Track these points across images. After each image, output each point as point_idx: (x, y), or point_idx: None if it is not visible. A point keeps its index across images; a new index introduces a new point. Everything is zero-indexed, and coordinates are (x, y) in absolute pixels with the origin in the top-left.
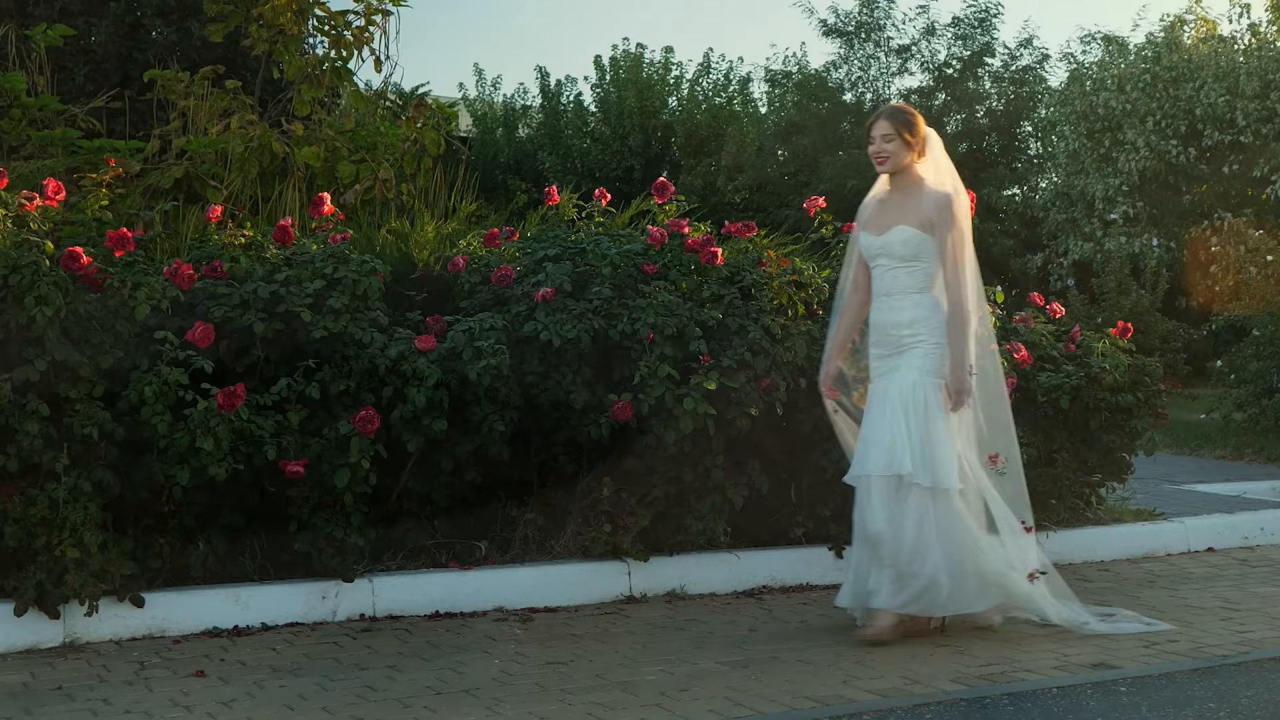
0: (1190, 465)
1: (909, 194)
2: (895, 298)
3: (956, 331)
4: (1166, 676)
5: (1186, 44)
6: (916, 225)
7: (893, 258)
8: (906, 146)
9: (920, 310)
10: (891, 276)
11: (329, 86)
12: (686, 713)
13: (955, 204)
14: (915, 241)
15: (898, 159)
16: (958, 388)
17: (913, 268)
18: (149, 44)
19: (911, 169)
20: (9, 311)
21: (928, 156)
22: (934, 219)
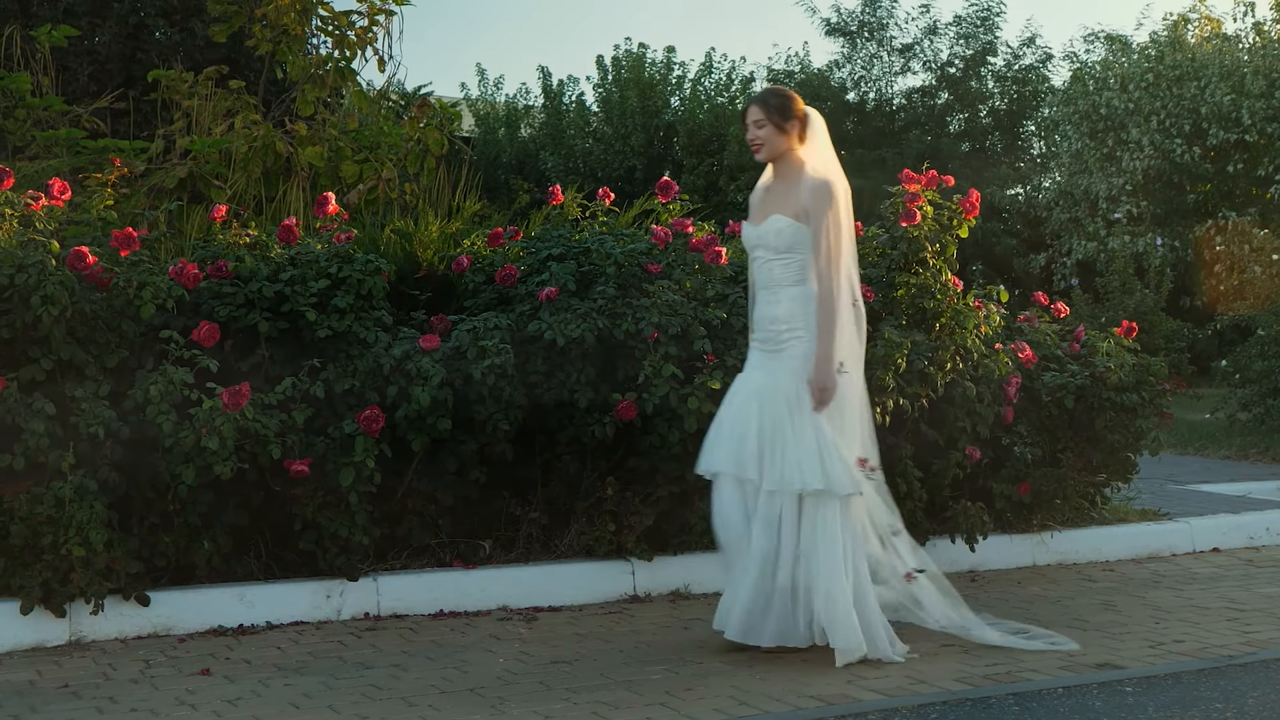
0: (1195, 465)
1: (789, 181)
2: (772, 290)
3: (824, 325)
4: (1172, 676)
5: (1190, 43)
6: (792, 215)
7: (768, 249)
8: (780, 132)
9: (796, 304)
10: (768, 269)
11: (332, 86)
12: (691, 712)
13: (832, 191)
14: (790, 232)
15: (773, 145)
16: (821, 384)
17: (788, 259)
18: (152, 44)
19: (792, 155)
20: (15, 311)
21: (812, 141)
22: (809, 207)
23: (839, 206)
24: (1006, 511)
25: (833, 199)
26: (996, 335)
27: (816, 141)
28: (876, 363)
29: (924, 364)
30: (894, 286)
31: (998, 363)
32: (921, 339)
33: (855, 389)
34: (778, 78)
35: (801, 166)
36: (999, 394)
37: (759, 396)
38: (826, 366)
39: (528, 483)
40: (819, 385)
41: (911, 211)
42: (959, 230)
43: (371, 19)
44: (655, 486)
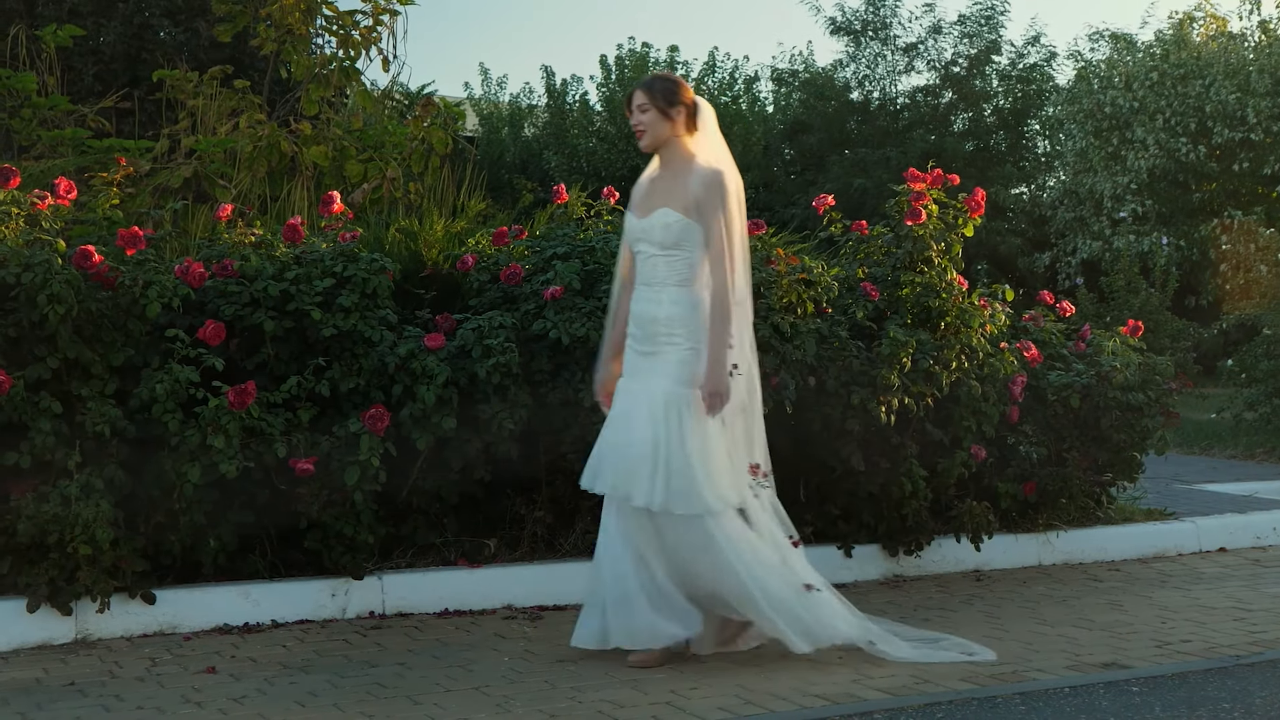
0: (1201, 465)
1: (677, 173)
2: (655, 289)
3: (717, 326)
4: (1179, 676)
5: (1195, 41)
6: (680, 209)
7: (653, 244)
8: (665, 118)
9: (679, 307)
10: (651, 265)
11: (337, 86)
12: (697, 710)
13: (725, 182)
14: (678, 227)
15: (656, 133)
16: (714, 389)
17: (673, 256)
18: (157, 44)
19: (679, 145)
20: (22, 309)
21: (700, 132)
22: (700, 199)
23: (731, 200)
24: (1012, 511)
25: (725, 191)
26: (1002, 334)
27: (706, 133)
28: (881, 361)
29: (929, 363)
30: (899, 285)
31: (1003, 362)
32: (927, 338)
33: (747, 392)
34: (782, 77)
35: (691, 158)
36: (1004, 393)
37: (644, 405)
38: (719, 370)
39: (532, 482)
40: (711, 390)
41: (917, 210)
42: (964, 229)
43: (376, 18)
44: None
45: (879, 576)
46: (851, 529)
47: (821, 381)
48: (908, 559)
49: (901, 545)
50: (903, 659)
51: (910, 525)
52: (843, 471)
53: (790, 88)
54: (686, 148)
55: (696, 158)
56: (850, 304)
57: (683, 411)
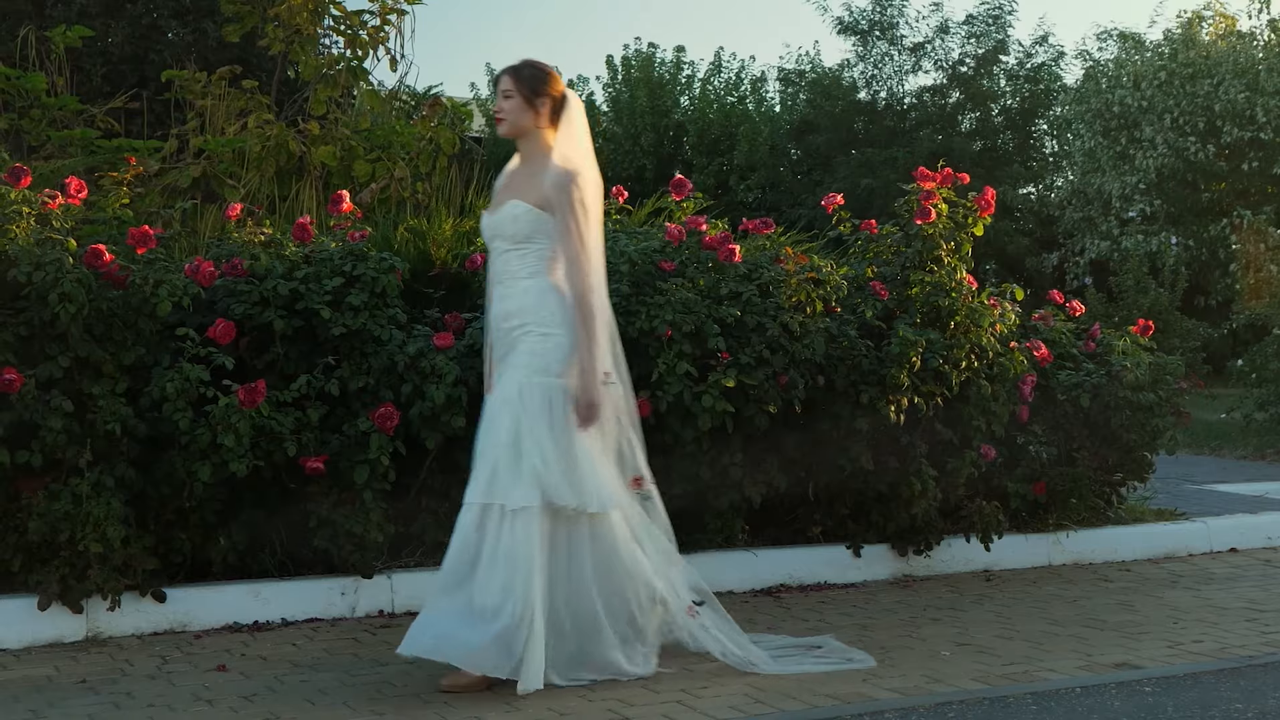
0: (1211, 465)
1: (534, 167)
2: (506, 284)
3: (583, 331)
4: (1191, 677)
5: (1204, 40)
6: (533, 201)
7: (505, 239)
8: (528, 107)
9: (529, 298)
10: (504, 261)
11: (345, 86)
12: (707, 709)
13: (579, 182)
14: (527, 219)
15: (516, 121)
16: (589, 400)
17: (525, 250)
18: (165, 45)
19: (539, 137)
20: (33, 308)
21: (565, 126)
22: (551, 200)
23: (588, 199)
24: (1022, 511)
25: (579, 190)
26: (1012, 334)
27: (572, 130)
28: (891, 361)
29: (939, 362)
30: (908, 284)
31: (1013, 361)
32: (936, 337)
33: (617, 399)
34: (789, 77)
35: (549, 153)
36: (1014, 393)
37: (507, 405)
38: (591, 380)
39: None
40: (585, 402)
41: (926, 209)
42: (974, 228)
43: (383, 18)
44: (669, 485)
45: (888, 576)
46: (860, 528)
47: (830, 381)
48: (917, 558)
49: (911, 545)
50: (782, 674)
51: (919, 525)
52: (852, 471)
53: (797, 88)
54: (546, 142)
55: (554, 155)
56: (859, 303)
57: (537, 403)
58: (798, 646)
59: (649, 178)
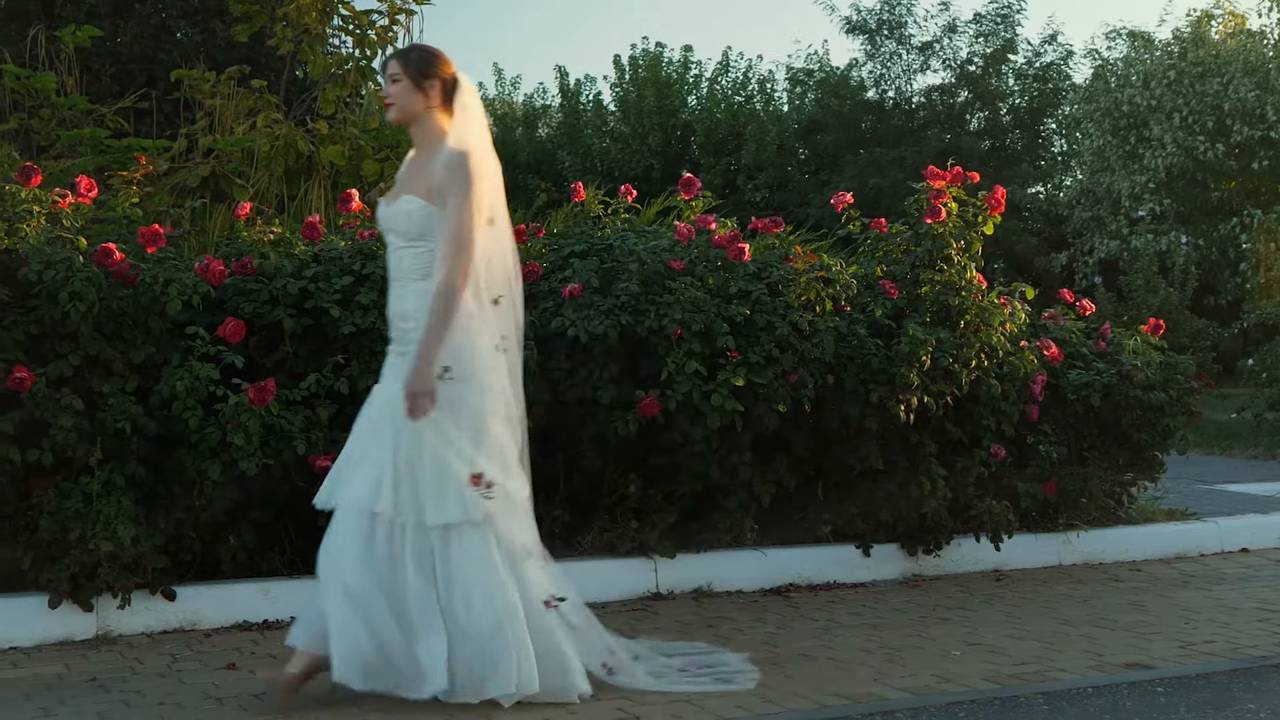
0: (1221, 465)
1: (428, 155)
2: (400, 284)
3: (436, 318)
4: (1204, 677)
5: (1214, 39)
6: (424, 195)
7: (399, 234)
8: (416, 90)
9: (424, 300)
10: (399, 258)
11: (353, 85)
12: (717, 709)
13: (470, 164)
14: (420, 215)
15: (405, 106)
16: (415, 389)
17: (418, 248)
18: (174, 44)
19: (431, 122)
20: (44, 307)
21: (460, 111)
22: (443, 183)
23: (478, 185)
24: (1032, 510)
25: (470, 174)
26: (1022, 333)
27: (467, 114)
28: (900, 360)
29: (948, 361)
30: (918, 283)
31: (1023, 360)
32: (946, 336)
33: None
34: (798, 76)
35: (442, 138)
36: (1024, 392)
37: (392, 410)
38: (425, 369)
39: (550, 480)
40: (411, 390)
41: (936, 208)
42: (984, 227)
43: (392, 18)
44: (678, 484)
45: (898, 576)
46: (870, 528)
47: (840, 380)
48: (927, 558)
49: (920, 544)
50: (647, 689)
51: (929, 524)
52: (861, 470)
53: (806, 87)
54: (439, 126)
55: (447, 138)
56: (869, 302)
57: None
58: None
59: (656, 177)
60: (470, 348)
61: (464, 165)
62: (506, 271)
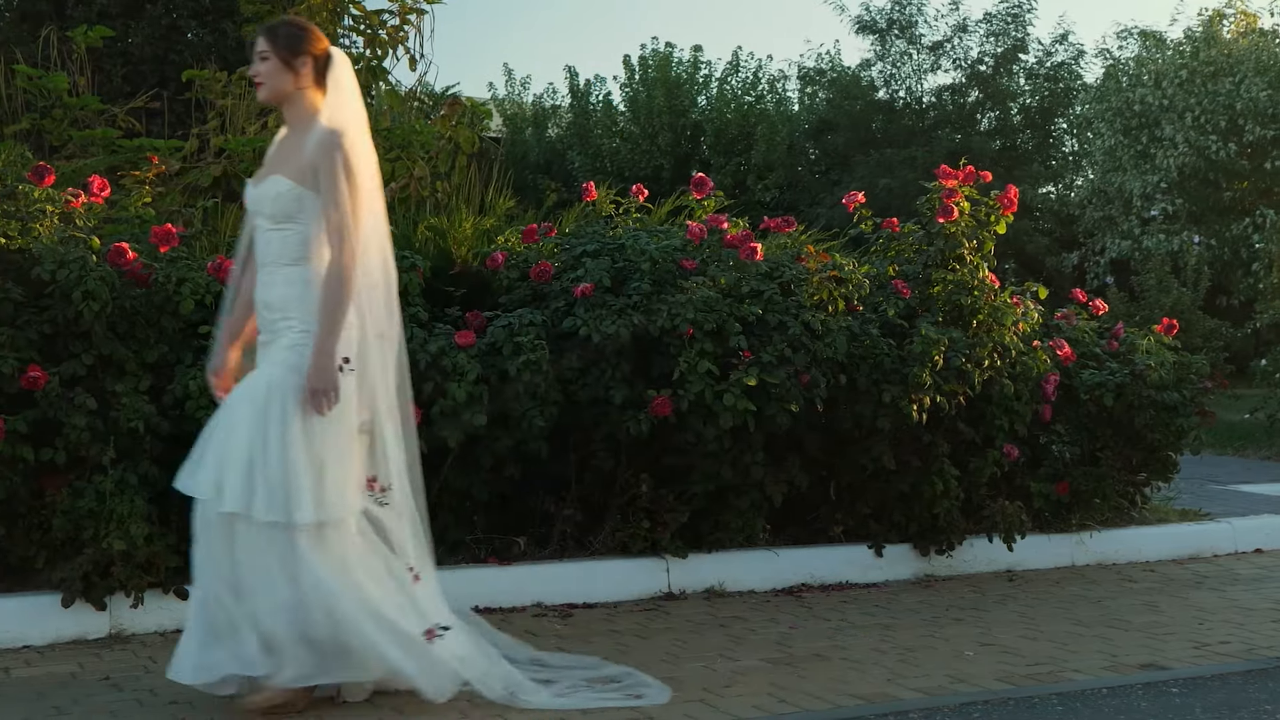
0: (1234, 466)
1: (299, 134)
2: (268, 269)
3: (326, 312)
4: (1219, 678)
5: (1226, 38)
6: (293, 176)
7: (266, 217)
8: (287, 69)
9: (293, 287)
10: (265, 241)
11: (364, 85)
12: (731, 709)
13: (344, 143)
14: (289, 197)
15: (275, 84)
16: (316, 385)
17: (286, 231)
18: (185, 45)
19: (303, 101)
20: (57, 306)
21: (334, 88)
22: (316, 163)
23: (354, 164)
24: (1045, 510)
25: (343, 153)
26: (1034, 332)
27: (341, 91)
28: (913, 359)
29: (961, 361)
30: (931, 283)
31: (1036, 360)
32: (959, 336)
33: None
34: (809, 75)
35: (314, 117)
36: (1037, 392)
37: (250, 399)
38: (326, 363)
39: (562, 480)
40: (314, 386)
41: (949, 207)
42: (997, 227)
43: (403, 18)
44: (690, 484)
45: (910, 576)
46: (882, 528)
47: (853, 379)
48: (939, 558)
49: (933, 545)
50: (544, 707)
51: (942, 525)
52: (874, 470)
53: (817, 86)
54: (312, 105)
55: (320, 117)
56: (881, 301)
57: (287, 403)
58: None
59: (666, 177)
60: (353, 339)
61: (339, 144)
62: (384, 256)
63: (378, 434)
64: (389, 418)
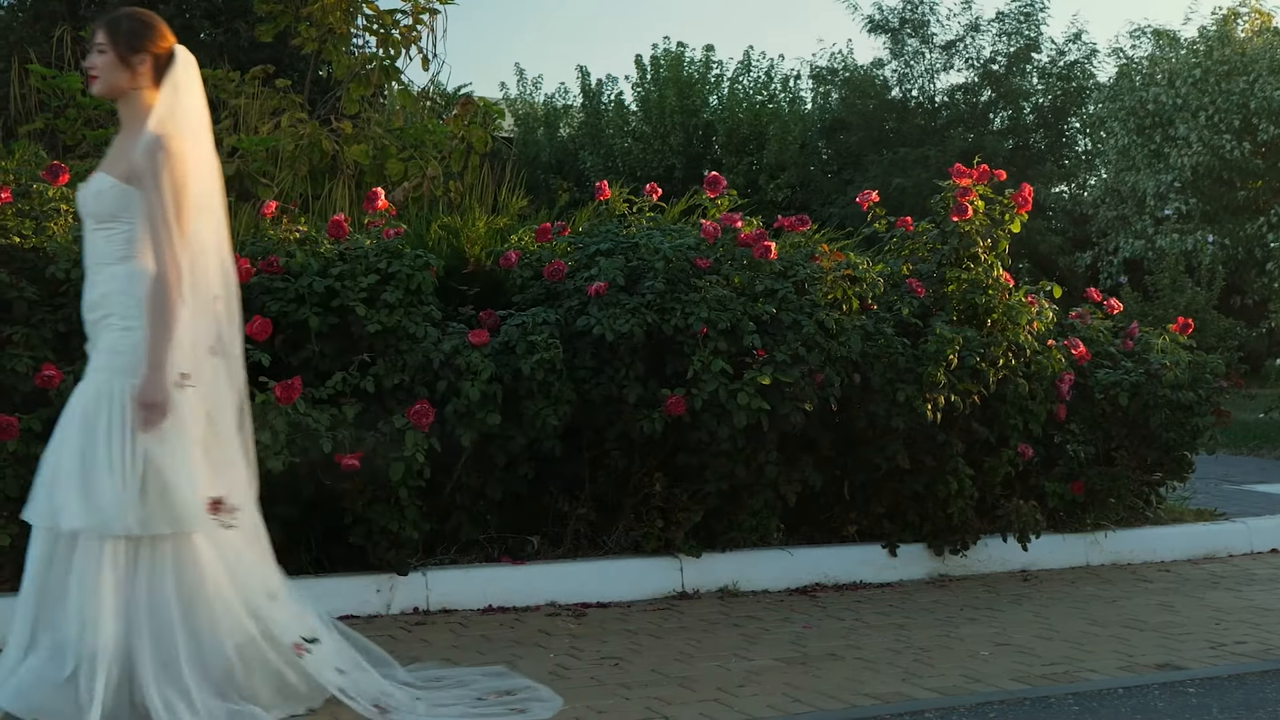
0: (1249, 465)
1: (132, 135)
2: (95, 270)
3: (154, 325)
4: (1236, 678)
5: (1240, 37)
6: (120, 174)
7: (91, 216)
8: (123, 65)
9: (115, 284)
10: (92, 242)
11: (377, 85)
12: (746, 708)
13: (169, 146)
14: (111, 195)
15: (110, 79)
16: (147, 399)
17: (111, 230)
18: (198, 45)
19: (139, 101)
20: (71, 305)
21: (169, 88)
22: (139, 167)
23: (181, 170)
24: (1059, 510)
25: (169, 157)
26: (1049, 331)
27: (176, 92)
28: (927, 358)
29: (975, 360)
30: (945, 282)
31: (1050, 359)
32: (973, 335)
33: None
34: (822, 74)
35: (147, 115)
36: (1052, 391)
37: (80, 408)
38: (157, 377)
39: (576, 479)
40: (144, 401)
41: (963, 206)
42: (1011, 225)
43: (416, 17)
44: (704, 483)
45: (924, 576)
46: (896, 528)
47: (867, 378)
48: (953, 558)
49: (947, 544)
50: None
51: (956, 524)
52: (888, 470)
53: (830, 85)
54: (147, 105)
55: (150, 120)
56: (895, 300)
57: (111, 405)
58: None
59: (678, 177)
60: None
61: (163, 148)
62: (224, 267)
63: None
64: (231, 437)
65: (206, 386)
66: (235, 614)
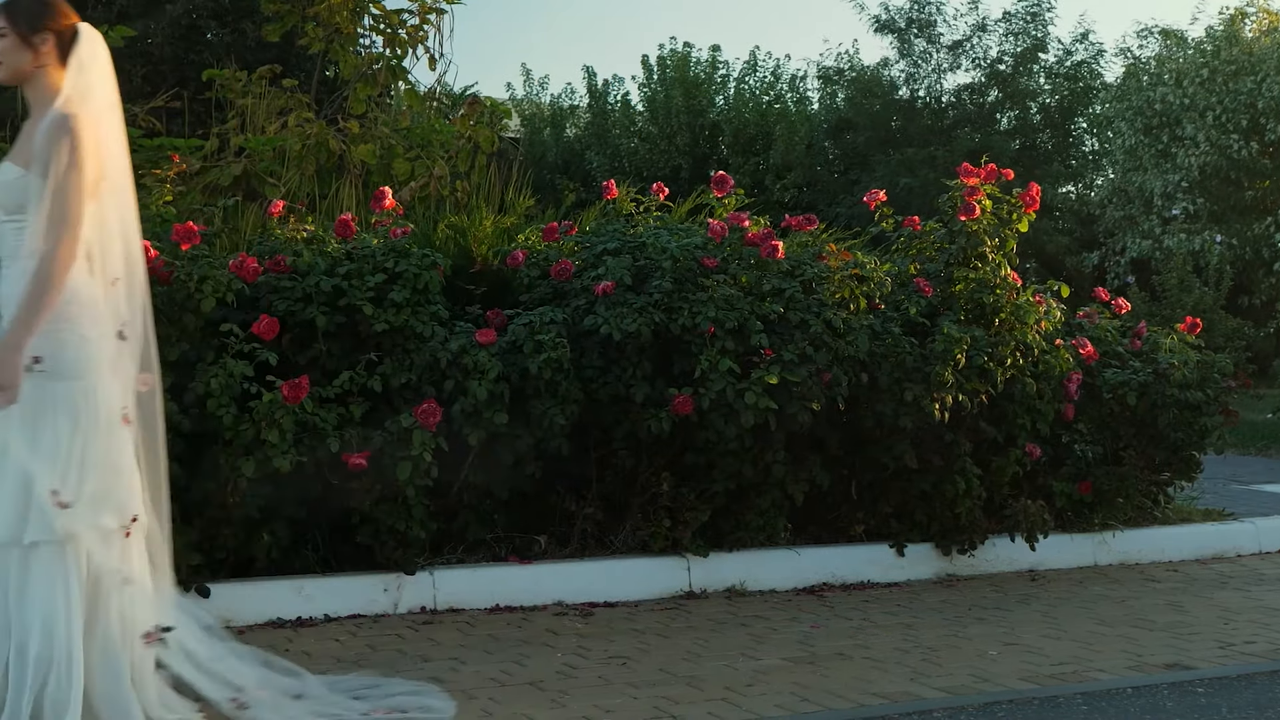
0: (1257, 466)
1: (38, 117)
2: (7, 264)
3: (28, 303)
4: (1245, 678)
5: (1247, 37)
6: (24, 161)
7: (1, 208)
8: (25, 46)
9: (21, 282)
10: (2, 234)
11: (384, 84)
12: (753, 708)
13: (72, 125)
14: (16, 185)
15: (12, 64)
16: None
17: (20, 223)
18: (205, 45)
19: (44, 82)
20: None
21: (74, 66)
22: (41, 149)
23: (85, 148)
24: (1067, 510)
25: (72, 136)
26: (1057, 331)
27: (81, 70)
28: (935, 358)
29: (983, 360)
30: (952, 281)
31: (1058, 359)
32: (981, 334)
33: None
34: (828, 74)
35: (54, 97)
36: (1059, 391)
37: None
38: (11, 358)
39: (583, 478)
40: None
41: (970, 205)
42: (1019, 225)
43: (423, 17)
44: (711, 482)
45: (932, 575)
46: (904, 528)
47: (874, 378)
48: (961, 558)
49: (955, 544)
50: None
51: (964, 524)
52: (895, 469)
53: (837, 85)
54: (53, 85)
55: (58, 99)
56: (903, 300)
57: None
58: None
59: (685, 177)
60: (78, 341)
61: (64, 127)
62: (128, 249)
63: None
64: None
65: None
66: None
